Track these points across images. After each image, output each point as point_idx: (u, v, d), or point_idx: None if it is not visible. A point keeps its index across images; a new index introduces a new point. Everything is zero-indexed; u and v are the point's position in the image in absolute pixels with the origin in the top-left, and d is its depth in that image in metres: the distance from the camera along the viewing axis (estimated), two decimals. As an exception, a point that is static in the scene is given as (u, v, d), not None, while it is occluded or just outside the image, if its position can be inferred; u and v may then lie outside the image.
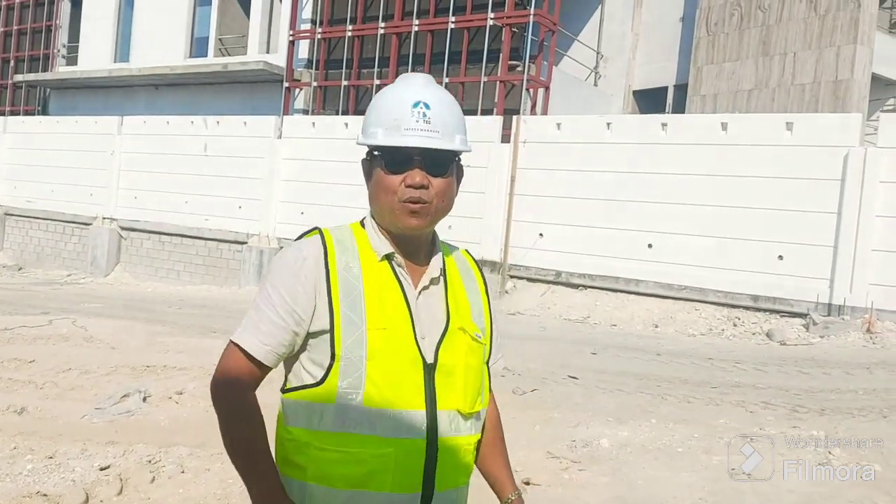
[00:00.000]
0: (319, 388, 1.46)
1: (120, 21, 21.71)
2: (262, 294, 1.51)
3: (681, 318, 10.60)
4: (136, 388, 5.81)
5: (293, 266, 1.50)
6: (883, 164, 9.56)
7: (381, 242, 1.54)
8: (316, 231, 1.57)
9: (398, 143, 1.47)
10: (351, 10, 16.50)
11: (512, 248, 12.37)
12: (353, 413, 1.44)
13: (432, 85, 1.55)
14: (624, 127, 11.87)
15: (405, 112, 1.49)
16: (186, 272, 16.62)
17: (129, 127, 17.90)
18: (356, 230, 1.58)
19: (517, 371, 6.98)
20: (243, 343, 1.49)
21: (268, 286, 1.51)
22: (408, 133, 1.47)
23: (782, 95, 15.50)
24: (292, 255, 1.52)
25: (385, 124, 1.50)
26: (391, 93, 1.55)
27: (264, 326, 1.48)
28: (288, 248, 1.55)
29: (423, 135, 1.48)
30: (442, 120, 1.51)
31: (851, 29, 14.89)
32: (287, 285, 1.48)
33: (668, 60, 18.10)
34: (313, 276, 1.48)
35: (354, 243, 1.54)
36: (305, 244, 1.53)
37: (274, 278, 1.51)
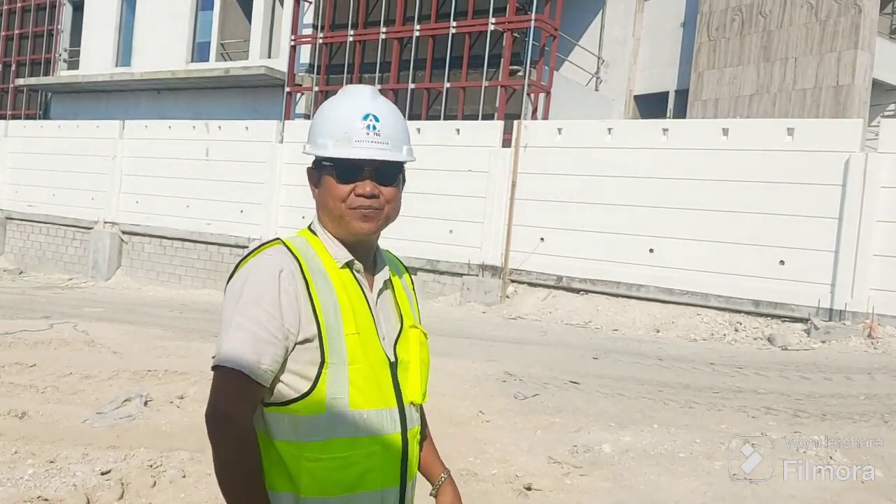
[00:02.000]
0: (309, 399, 1.46)
1: (121, 26, 21.75)
2: (243, 312, 1.44)
3: (682, 323, 10.60)
4: (138, 393, 5.81)
5: (272, 279, 1.46)
6: (884, 169, 9.57)
7: (339, 250, 1.57)
8: (278, 241, 1.55)
9: (350, 155, 1.52)
10: (352, 16, 16.53)
11: (513, 253, 12.37)
12: (341, 418, 1.47)
13: (379, 97, 1.59)
14: (625, 132, 11.88)
15: (355, 124, 1.53)
16: (188, 276, 16.63)
17: (131, 131, 17.92)
18: (310, 239, 1.58)
19: (518, 376, 6.97)
20: (244, 367, 1.42)
21: (248, 303, 1.44)
22: (358, 145, 1.52)
23: (783, 101, 15.52)
24: (267, 269, 1.47)
25: (335, 136, 1.53)
26: (340, 104, 1.58)
27: (259, 347, 1.43)
28: (256, 261, 1.50)
29: (374, 147, 1.53)
30: (390, 132, 1.56)
31: (852, 34, 14.91)
32: (271, 300, 1.44)
33: (669, 65, 18.13)
34: (293, 287, 1.46)
35: (314, 252, 1.55)
36: (276, 255, 1.50)
37: (253, 294, 1.45)
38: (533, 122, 13.23)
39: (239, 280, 1.49)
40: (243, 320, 1.44)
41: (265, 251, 1.52)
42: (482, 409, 5.87)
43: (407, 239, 12.20)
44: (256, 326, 1.43)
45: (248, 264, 1.51)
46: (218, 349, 1.45)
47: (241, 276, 1.49)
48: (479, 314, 11.84)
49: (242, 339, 1.43)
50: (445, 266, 12.90)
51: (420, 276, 13.07)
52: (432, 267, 12.97)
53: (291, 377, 1.46)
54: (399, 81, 15.76)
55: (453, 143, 13.01)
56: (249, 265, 1.50)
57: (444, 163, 12.63)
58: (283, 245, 1.53)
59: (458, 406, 5.89)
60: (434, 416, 5.63)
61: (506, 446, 5.04)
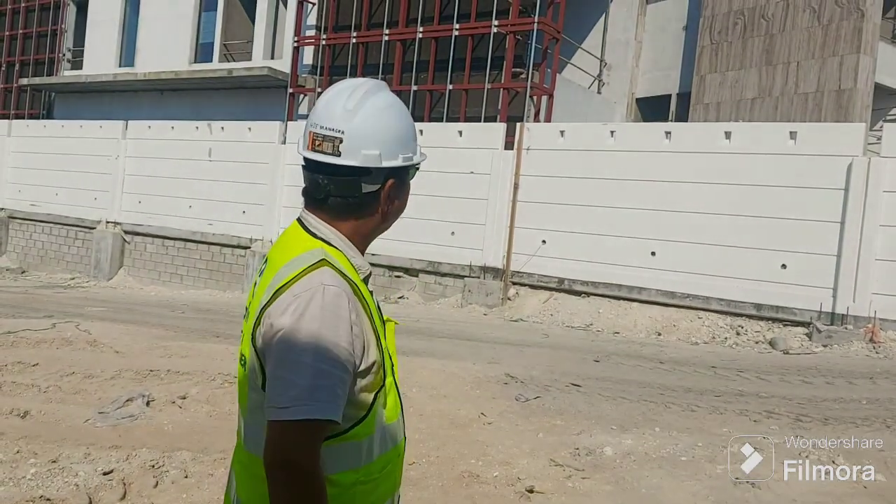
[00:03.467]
0: (365, 422, 1.43)
1: (125, 26, 21.79)
2: (324, 356, 1.34)
3: (684, 326, 10.60)
4: (140, 393, 5.82)
5: (344, 313, 1.38)
6: (886, 173, 9.57)
7: (362, 261, 1.52)
8: (325, 263, 1.42)
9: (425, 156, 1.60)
10: (355, 17, 16.56)
11: (515, 255, 12.38)
12: (385, 434, 1.48)
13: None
14: (627, 135, 11.88)
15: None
16: (189, 276, 16.65)
17: (134, 131, 17.96)
18: (331, 251, 1.48)
19: (520, 378, 6.98)
20: (334, 415, 1.34)
21: (328, 346, 1.35)
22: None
23: (785, 104, 15.53)
24: (337, 302, 1.37)
25: (416, 139, 1.58)
26: (405, 110, 1.57)
27: (340, 390, 1.35)
28: (320, 293, 1.38)
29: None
30: None
31: (855, 38, 14.92)
32: (347, 338, 1.37)
33: (671, 69, 18.15)
34: (359, 318, 1.41)
35: (343, 266, 1.46)
36: (337, 283, 1.40)
37: (331, 334, 1.35)
38: (535, 125, 13.24)
39: (307, 316, 1.35)
40: (327, 366, 1.34)
41: (322, 280, 1.40)
42: (484, 411, 5.87)
43: (408, 240, 12.21)
44: (340, 370, 1.35)
45: (308, 296, 1.37)
46: (294, 398, 1.32)
47: (306, 310, 1.36)
48: (480, 316, 11.84)
49: (329, 386, 1.34)
50: (447, 268, 12.90)
51: (421, 277, 13.08)
52: (434, 269, 12.97)
53: (349, 407, 1.40)
54: (402, 83, 15.77)
55: (456, 144, 13.02)
56: (314, 299, 1.37)
57: (447, 164, 12.63)
58: (331, 268, 1.42)
59: (460, 408, 5.90)
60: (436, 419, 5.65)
61: (507, 448, 5.04)
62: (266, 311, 1.40)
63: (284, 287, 1.39)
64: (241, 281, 15.53)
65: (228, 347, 7.67)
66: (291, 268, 1.42)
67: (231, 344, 8.07)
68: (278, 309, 1.37)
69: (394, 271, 13.13)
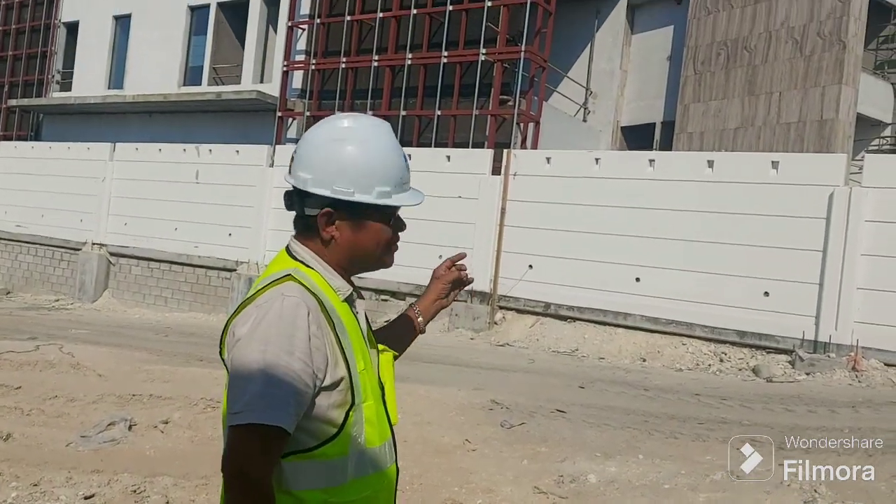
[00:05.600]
0: (335, 442, 1.41)
1: (115, 48, 21.87)
2: (276, 363, 1.33)
3: (668, 353, 10.64)
4: (122, 417, 5.79)
5: (301, 323, 1.37)
6: (868, 203, 9.70)
7: (340, 282, 1.53)
8: (290, 278, 1.44)
9: (413, 201, 1.55)
10: (345, 43, 16.70)
11: (501, 280, 12.42)
12: (362, 458, 1.45)
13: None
14: (612, 162, 12.01)
15: (405, 168, 1.56)
16: (174, 299, 16.57)
17: (122, 153, 17.95)
18: (307, 271, 1.49)
19: (505, 404, 6.98)
20: (283, 422, 1.32)
21: (280, 353, 1.34)
22: (407, 188, 1.57)
23: (768, 134, 15.75)
24: (294, 311, 1.38)
25: (394, 182, 1.52)
26: (389, 148, 1.53)
27: (291, 398, 1.33)
28: (280, 303, 1.39)
29: (413, 189, 1.60)
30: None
31: (837, 70, 15.19)
32: (302, 347, 1.36)
33: (655, 98, 18.38)
34: (321, 330, 1.40)
35: (318, 286, 1.47)
36: (297, 294, 1.41)
37: (285, 341, 1.35)
38: (522, 151, 13.36)
39: (263, 324, 1.36)
40: (278, 372, 1.33)
41: (283, 291, 1.41)
42: (468, 437, 5.87)
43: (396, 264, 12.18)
44: (293, 378, 1.34)
45: (267, 306, 1.39)
46: (245, 403, 1.32)
47: (263, 319, 1.37)
48: (466, 340, 11.85)
49: (279, 392, 1.33)
50: (434, 292, 12.89)
51: (409, 301, 13.07)
52: (421, 292, 12.90)
53: (315, 423, 1.40)
54: (391, 108, 15.88)
55: (444, 169, 13.10)
56: (272, 308, 1.38)
57: (434, 189, 12.67)
58: (296, 282, 1.43)
59: (444, 434, 5.89)
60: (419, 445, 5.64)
61: (491, 476, 5.04)
62: (231, 322, 1.43)
63: (250, 299, 1.43)
64: (227, 304, 15.46)
65: (212, 372, 7.64)
66: (261, 283, 1.46)
67: (214, 368, 8.03)
68: (241, 320, 1.40)
69: (380, 294, 13.13)
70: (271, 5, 18.78)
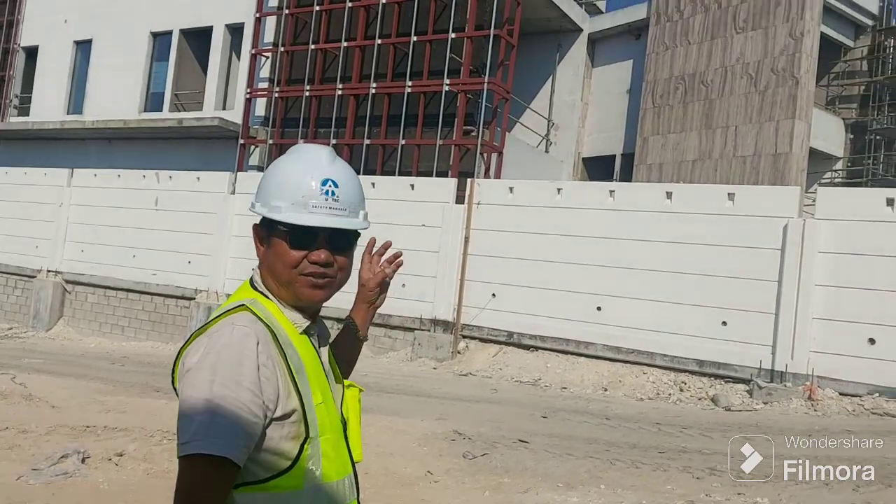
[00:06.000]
0: (289, 475, 1.38)
1: (75, 74, 21.62)
2: (223, 393, 1.31)
3: (629, 382, 10.72)
4: (76, 449, 5.63)
5: (250, 353, 1.35)
6: (821, 234, 9.93)
7: (296, 315, 1.50)
8: (244, 308, 1.43)
9: (308, 222, 1.45)
10: (309, 71, 16.74)
11: (465, 308, 12.43)
12: (318, 492, 1.42)
13: (338, 160, 1.52)
14: (573, 192, 12.17)
15: (314, 189, 1.46)
16: (131, 328, 16.24)
17: (80, 179, 17.66)
18: (265, 302, 1.48)
19: (468, 435, 6.95)
20: (230, 453, 1.29)
21: (228, 382, 1.32)
22: (316, 210, 1.45)
23: (725, 166, 16.13)
24: (244, 341, 1.36)
25: (291, 198, 1.46)
26: (297, 165, 1.50)
27: (239, 428, 1.31)
28: (229, 333, 1.37)
29: (332, 213, 1.47)
30: (348, 198, 1.50)
31: (790, 105, 15.66)
32: (251, 377, 1.33)
33: (616, 130, 18.74)
34: (271, 360, 1.37)
35: (274, 317, 1.46)
36: (247, 324, 1.39)
37: (233, 371, 1.33)
38: (486, 181, 13.46)
39: (212, 354, 1.34)
40: (225, 402, 1.30)
41: (233, 321, 1.40)
42: (430, 469, 5.83)
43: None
44: (240, 408, 1.31)
45: (217, 336, 1.37)
46: (192, 434, 1.29)
47: (212, 349, 1.35)
48: (430, 370, 11.80)
49: (226, 423, 1.30)
50: (397, 321, 12.87)
51: (371, 330, 12.92)
52: (384, 321, 12.92)
53: (267, 455, 1.37)
54: (354, 137, 15.92)
55: (407, 198, 13.13)
56: (221, 337, 1.37)
57: (398, 217, 12.70)
58: (249, 312, 1.42)
59: (406, 466, 5.84)
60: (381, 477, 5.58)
61: (454, 507, 5.00)
62: (182, 352, 1.41)
63: (202, 330, 1.41)
64: (185, 333, 15.20)
65: (169, 403, 7.49)
66: (216, 314, 1.44)
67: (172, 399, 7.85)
68: (191, 350, 1.38)
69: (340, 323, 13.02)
70: (235, 33, 18.78)
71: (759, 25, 16.36)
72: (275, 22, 17.55)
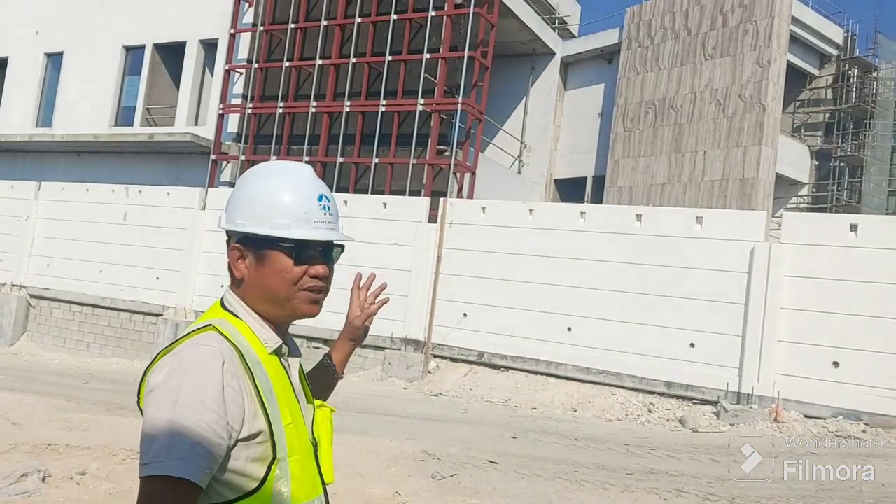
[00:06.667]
0: (255, 497, 1.36)
1: (45, 85, 21.37)
2: (186, 414, 1.29)
3: (598, 403, 10.76)
4: (36, 468, 5.51)
5: (215, 373, 1.34)
6: (786, 258, 10.10)
7: (268, 334, 1.50)
8: (211, 328, 1.42)
9: (315, 237, 1.49)
10: (283, 88, 16.73)
11: (436, 328, 12.41)
12: None
13: (317, 177, 1.59)
14: (545, 213, 12.25)
15: (313, 205, 1.51)
16: (96, 344, 15.96)
17: (47, 193, 17.40)
18: (234, 322, 1.47)
19: (437, 455, 6.93)
20: (194, 476, 1.27)
21: (191, 402, 1.30)
22: (318, 226, 1.50)
23: (693, 190, 16.37)
24: (208, 361, 1.35)
25: (294, 215, 1.48)
26: (293, 183, 1.52)
27: (202, 450, 1.28)
28: (194, 353, 1.36)
29: (330, 228, 1.53)
30: (336, 212, 1.57)
31: (757, 131, 15.98)
32: (215, 397, 1.32)
33: (587, 152, 18.96)
34: (237, 381, 1.36)
35: (243, 337, 1.45)
36: (214, 344, 1.38)
37: (197, 391, 1.31)
38: (458, 200, 13.52)
39: (176, 374, 1.33)
40: (188, 423, 1.28)
41: (199, 341, 1.39)
42: (399, 489, 5.79)
43: (329, 310, 11.97)
44: (203, 429, 1.29)
45: (182, 355, 1.36)
46: (154, 455, 1.27)
47: (177, 369, 1.34)
48: (400, 390, 11.75)
49: (189, 444, 1.28)
50: (368, 339, 12.59)
51: (341, 349, 12.90)
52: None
53: (233, 476, 1.35)
54: (328, 154, 15.92)
55: (380, 216, 13.13)
56: (185, 357, 1.36)
57: (371, 235, 12.69)
58: (216, 332, 1.41)
59: (375, 487, 5.80)
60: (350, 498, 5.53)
61: (422, 528, 4.97)
62: (148, 371, 1.39)
63: (168, 349, 1.39)
64: (151, 350, 14.98)
65: (133, 421, 7.36)
66: (183, 333, 1.44)
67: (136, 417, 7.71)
68: (156, 369, 1.37)
69: (313, 342, 12.92)
70: (209, 48, 18.72)
71: (728, 53, 16.71)
72: (249, 38, 17.54)
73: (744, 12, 16.75)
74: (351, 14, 16.23)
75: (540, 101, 19.35)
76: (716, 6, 17.21)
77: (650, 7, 18.50)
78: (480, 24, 15.18)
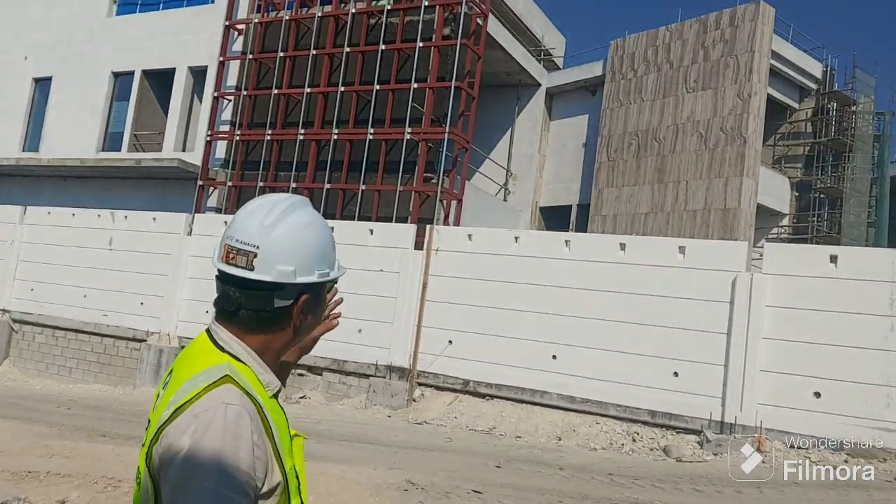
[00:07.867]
0: None
1: (32, 111, 21.41)
2: (225, 481, 1.28)
3: (583, 432, 10.77)
4: (15, 496, 5.47)
5: (246, 435, 1.33)
6: (768, 288, 10.22)
7: (270, 376, 1.49)
8: (228, 380, 1.39)
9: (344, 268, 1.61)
10: (271, 115, 16.84)
11: (421, 355, 12.40)
12: None
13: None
14: (530, 241, 12.33)
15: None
16: (79, 369, 15.82)
17: (32, 217, 17.34)
18: (238, 366, 1.44)
19: (421, 485, 6.92)
20: None
21: (228, 469, 1.28)
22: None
23: (676, 220, 16.56)
24: (238, 423, 1.33)
25: (334, 254, 1.58)
26: (320, 224, 1.55)
27: None
28: (221, 414, 1.33)
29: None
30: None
31: (738, 162, 16.22)
32: (248, 461, 1.31)
33: (572, 181, 19.16)
34: (262, 438, 1.36)
35: (250, 383, 1.43)
36: (237, 402, 1.36)
37: (232, 457, 1.30)
38: (445, 228, 13.59)
39: (207, 439, 1.30)
40: (227, 492, 1.27)
41: (223, 398, 1.36)
42: (383, 518, 5.78)
43: (314, 339, 12.02)
44: (240, 495, 1.29)
45: (209, 417, 1.33)
46: None
47: (207, 433, 1.31)
48: (384, 418, 11.71)
49: None
50: (353, 367, 12.78)
51: (325, 376, 12.89)
52: (339, 367, 12.82)
53: None
54: (315, 181, 16.00)
55: (367, 243, 13.16)
56: (213, 419, 1.32)
57: (357, 262, 12.71)
58: (233, 384, 1.39)
59: (359, 515, 5.79)
60: (333, 526, 5.48)
61: (405, 557, 4.96)
62: (164, 429, 1.34)
63: (185, 405, 1.35)
64: (135, 376, 14.88)
65: (115, 448, 7.32)
66: (194, 384, 1.38)
67: (118, 444, 7.69)
68: (177, 429, 1.32)
69: (297, 369, 12.86)
70: (197, 75, 18.84)
71: (709, 86, 17.01)
72: (238, 66, 17.68)
73: (725, 46, 17.09)
74: (340, 44, 16.42)
75: (525, 130, 19.58)
76: (697, 40, 17.55)
77: (633, 40, 18.84)
78: (467, 55, 15.40)
